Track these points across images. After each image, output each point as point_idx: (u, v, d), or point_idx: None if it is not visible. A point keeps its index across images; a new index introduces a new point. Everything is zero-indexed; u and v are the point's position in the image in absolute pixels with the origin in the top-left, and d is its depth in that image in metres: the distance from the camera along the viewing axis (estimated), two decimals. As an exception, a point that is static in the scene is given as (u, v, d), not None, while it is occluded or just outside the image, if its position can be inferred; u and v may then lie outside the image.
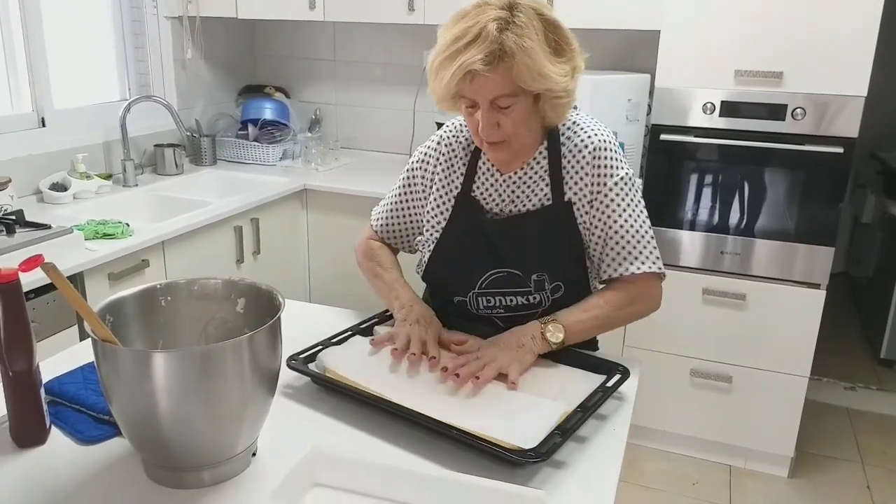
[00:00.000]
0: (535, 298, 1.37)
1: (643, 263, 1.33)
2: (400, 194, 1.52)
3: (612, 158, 1.34)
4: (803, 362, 2.51)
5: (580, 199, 1.35)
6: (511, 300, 1.38)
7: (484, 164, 1.41)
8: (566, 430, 1.06)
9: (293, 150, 3.23)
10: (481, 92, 1.22)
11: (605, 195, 1.33)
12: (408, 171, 1.51)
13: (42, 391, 1.07)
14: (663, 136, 2.47)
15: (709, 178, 2.50)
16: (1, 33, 2.44)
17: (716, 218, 2.51)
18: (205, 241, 2.43)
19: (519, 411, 1.12)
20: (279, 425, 1.11)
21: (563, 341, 1.27)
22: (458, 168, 1.43)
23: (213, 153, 3.13)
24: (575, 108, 1.38)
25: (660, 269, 1.35)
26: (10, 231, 2.00)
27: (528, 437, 1.03)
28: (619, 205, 1.34)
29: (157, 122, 2.93)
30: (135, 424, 0.94)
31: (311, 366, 1.26)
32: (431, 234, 1.45)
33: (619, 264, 1.34)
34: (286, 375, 1.26)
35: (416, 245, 1.51)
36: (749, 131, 2.39)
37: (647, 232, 1.36)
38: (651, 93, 2.56)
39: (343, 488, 0.98)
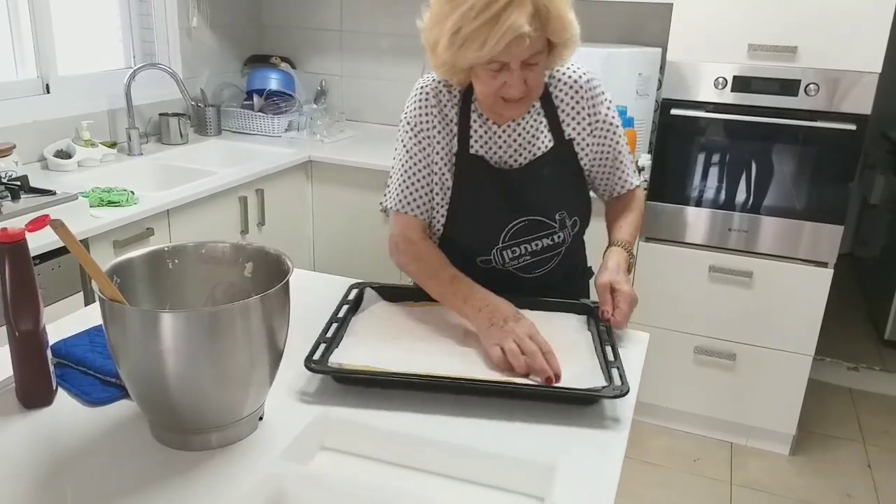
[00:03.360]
0: (559, 237, 1.42)
1: (634, 177, 1.51)
2: (416, 164, 1.40)
3: (598, 86, 1.42)
4: (808, 341, 2.51)
5: (579, 134, 1.41)
6: (536, 244, 1.41)
7: (475, 120, 1.38)
8: (612, 363, 1.16)
9: (298, 121, 3.21)
10: (520, 53, 1.19)
11: (604, 120, 1.41)
12: (411, 136, 1.39)
13: (48, 352, 1.06)
14: (673, 111, 2.44)
15: (718, 154, 2.48)
16: (5, -2, 2.41)
17: (724, 194, 2.49)
18: (210, 211, 2.42)
19: (566, 363, 1.16)
20: (287, 390, 1.11)
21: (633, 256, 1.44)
22: (449, 126, 1.38)
23: (217, 123, 3.11)
24: None
25: (645, 180, 1.59)
26: (15, 196, 1.99)
27: (589, 378, 1.12)
28: (616, 130, 1.44)
29: (162, 90, 2.91)
30: (142, 385, 0.94)
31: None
32: (441, 197, 1.41)
33: (626, 180, 1.49)
34: (295, 341, 1.26)
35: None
36: (760, 107, 2.36)
37: (629, 151, 1.51)
38: (662, 67, 2.53)
39: (351, 452, 0.97)
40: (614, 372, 1.14)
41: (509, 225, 1.39)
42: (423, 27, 1.27)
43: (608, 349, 1.21)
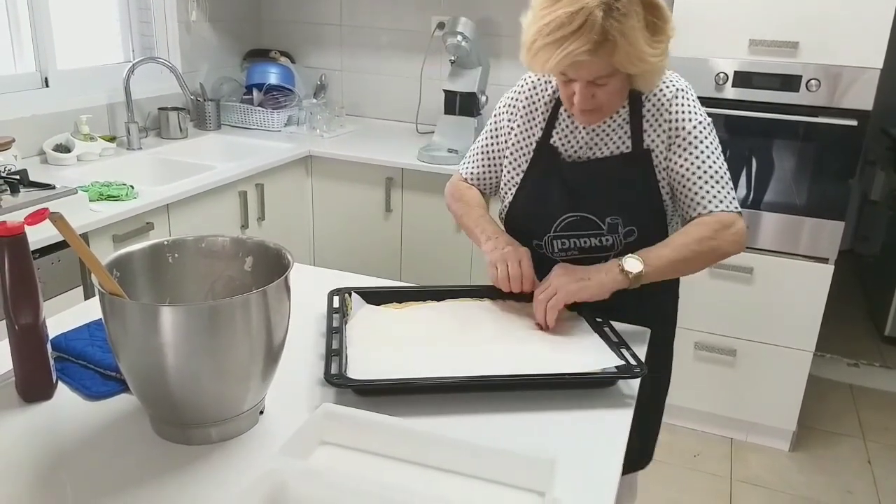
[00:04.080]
0: (607, 240, 1.41)
1: (721, 202, 1.36)
2: (487, 141, 1.57)
3: (689, 104, 1.38)
4: (808, 337, 2.50)
5: (658, 146, 1.39)
6: (585, 241, 1.42)
7: (562, 114, 1.45)
8: (620, 343, 1.22)
9: (298, 115, 3.20)
10: (582, 74, 1.27)
11: (684, 139, 1.37)
12: (494, 117, 1.55)
13: (48, 346, 1.06)
14: (674, 107, 2.43)
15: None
16: (4, -9, 2.40)
17: (725, 190, 2.48)
18: (209, 206, 2.41)
19: (570, 349, 1.21)
20: (288, 385, 1.11)
21: (642, 273, 1.28)
22: (539, 117, 1.47)
23: (217, 117, 3.10)
24: None
25: (737, 209, 1.38)
26: (15, 190, 1.98)
27: (602, 362, 1.16)
28: (697, 147, 1.37)
29: (162, 84, 2.90)
30: (142, 379, 0.93)
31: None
32: (512, 179, 1.51)
33: (699, 203, 1.37)
34: (295, 336, 1.26)
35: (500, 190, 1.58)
36: (761, 102, 2.36)
37: (725, 174, 1.39)
38: (663, 62, 2.52)
39: (351, 447, 0.97)
40: (624, 352, 1.20)
41: (562, 216, 1.42)
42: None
43: (608, 330, 1.27)
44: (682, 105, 1.38)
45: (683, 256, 1.33)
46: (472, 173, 1.61)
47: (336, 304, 1.32)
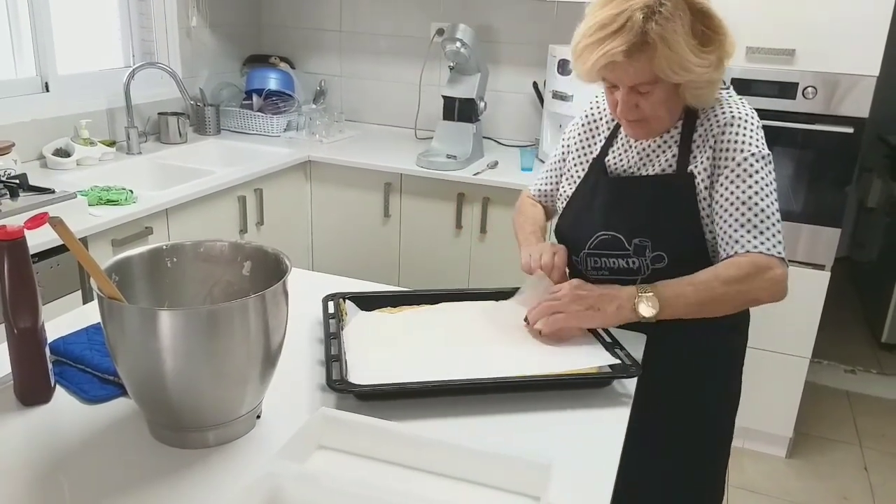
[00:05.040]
0: (634, 264, 1.35)
1: (762, 244, 1.24)
2: (557, 159, 1.57)
3: (744, 134, 1.28)
4: (805, 344, 2.51)
5: (701, 172, 1.31)
6: (614, 262, 1.38)
7: (622, 133, 1.43)
8: (614, 344, 1.23)
9: (297, 121, 3.21)
10: (622, 78, 1.25)
11: (733, 169, 1.27)
12: (566, 134, 1.55)
13: (47, 350, 1.06)
14: (672, 114, 2.44)
15: (716, 157, 2.48)
16: (5, -4, 2.41)
17: (722, 197, 2.49)
18: (208, 211, 2.42)
19: (564, 350, 1.22)
20: (285, 389, 1.11)
21: (656, 317, 1.21)
22: (601, 135, 1.47)
23: (217, 123, 3.11)
24: (725, 85, 1.36)
25: (780, 254, 1.25)
26: (14, 195, 1.99)
27: (597, 360, 1.18)
28: (744, 181, 1.26)
29: (162, 89, 2.91)
30: (140, 384, 0.94)
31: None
32: (565, 192, 1.51)
33: (736, 241, 1.25)
34: (292, 340, 1.27)
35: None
36: (759, 109, 2.34)
37: (772, 215, 1.26)
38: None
39: (348, 451, 0.98)
40: (619, 352, 1.20)
41: (596, 234, 1.39)
42: None
43: (601, 332, 1.28)
44: (737, 132, 1.28)
45: (706, 298, 1.22)
46: (539, 190, 1.61)
47: (331, 309, 1.33)
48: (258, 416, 1.03)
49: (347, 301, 1.36)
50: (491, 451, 0.93)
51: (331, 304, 1.34)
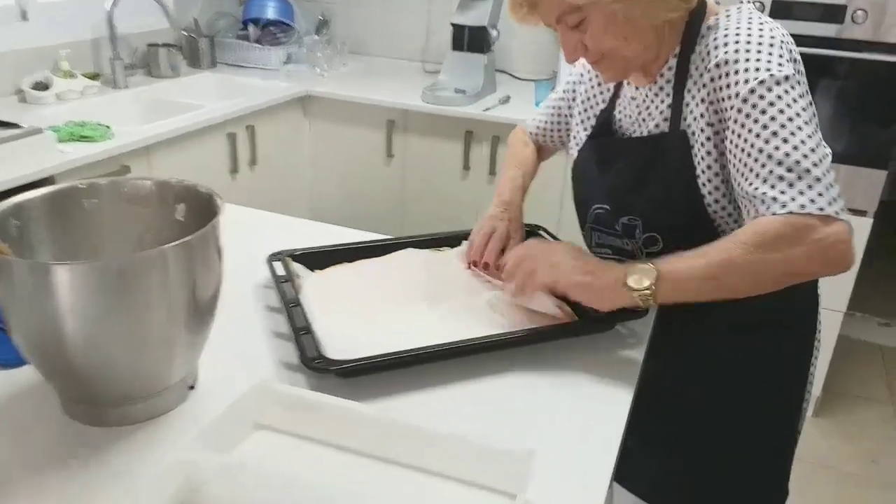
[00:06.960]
0: (626, 245, 1.13)
1: (794, 200, 0.89)
2: (560, 95, 1.35)
3: (746, 62, 0.95)
4: (840, 297, 2.32)
5: (698, 125, 1.03)
6: (613, 241, 1.16)
7: (625, 81, 1.17)
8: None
9: (298, 53, 3.00)
10: (544, 16, 1.04)
11: (738, 109, 0.95)
12: (572, 76, 1.32)
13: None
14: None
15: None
16: (-29, -88, 2.22)
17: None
18: (195, 149, 2.25)
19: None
20: (228, 355, 0.96)
21: (651, 291, 0.92)
22: (607, 85, 1.23)
23: (212, 55, 2.91)
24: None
25: (822, 209, 0.88)
26: (-24, 130, 1.83)
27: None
28: (756, 120, 0.93)
29: (151, 18, 2.70)
30: (39, 352, 0.78)
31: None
32: (578, 136, 1.28)
33: (761, 201, 0.91)
34: (239, 296, 1.11)
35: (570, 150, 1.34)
36: (800, 35, 2.11)
37: (805, 157, 0.91)
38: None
39: (292, 433, 0.82)
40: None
41: (594, 205, 1.18)
42: None
43: None
44: (736, 69, 0.96)
45: (721, 271, 0.90)
46: (537, 126, 1.40)
47: (280, 271, 1.12)
48: (191, 387, 0.88)
49: (296, 262, 1.16)
50: (460, 435, 0.77)
51: (278, 266, 1.13)
